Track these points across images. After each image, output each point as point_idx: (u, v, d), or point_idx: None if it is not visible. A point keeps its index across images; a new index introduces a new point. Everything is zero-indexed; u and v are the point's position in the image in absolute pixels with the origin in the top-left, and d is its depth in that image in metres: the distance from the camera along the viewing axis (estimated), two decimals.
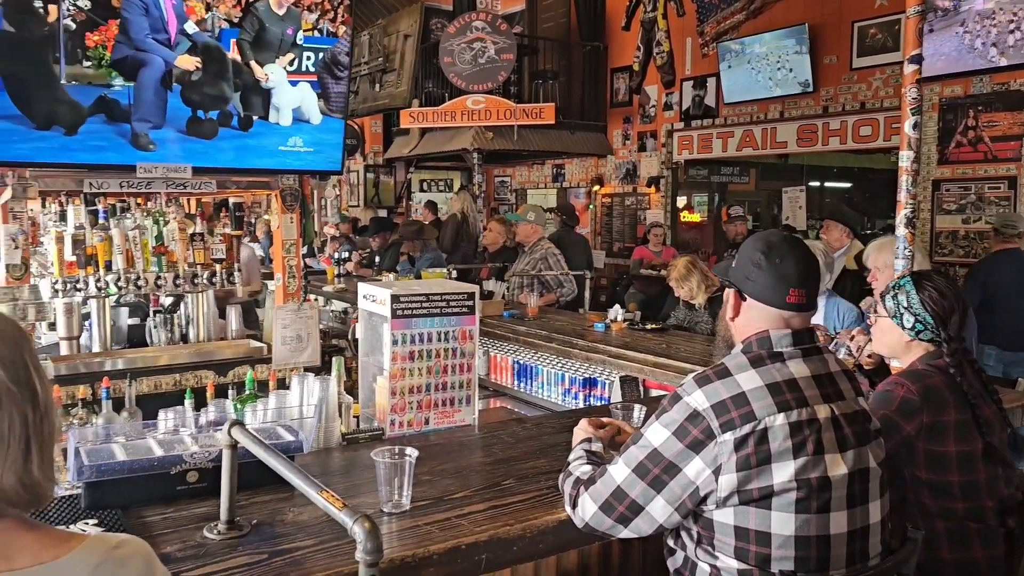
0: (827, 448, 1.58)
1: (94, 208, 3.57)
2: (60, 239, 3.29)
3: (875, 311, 2.37)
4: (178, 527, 1.71)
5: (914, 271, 2.70)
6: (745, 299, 1.74)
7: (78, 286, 3.30)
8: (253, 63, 3.43)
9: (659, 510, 1.61)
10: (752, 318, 1.72)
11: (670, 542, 1.74)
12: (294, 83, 3.53)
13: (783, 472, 1.54)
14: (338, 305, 6.44)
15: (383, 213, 12.05)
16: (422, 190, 13.36)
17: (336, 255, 7.68)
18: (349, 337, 4.58)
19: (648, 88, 10.03)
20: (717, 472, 1.55)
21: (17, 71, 2.93)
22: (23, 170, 3.04)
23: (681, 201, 10.47)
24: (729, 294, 1.79)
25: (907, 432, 2.06)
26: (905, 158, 3.05)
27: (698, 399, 1.60)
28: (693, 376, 1.67)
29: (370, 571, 1.19)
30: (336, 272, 6.97)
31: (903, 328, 2.22)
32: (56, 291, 3.25)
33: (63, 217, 3.70)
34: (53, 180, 3.27)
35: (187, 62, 3.27)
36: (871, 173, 12.19)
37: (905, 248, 3.06)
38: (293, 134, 3.51)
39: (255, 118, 3.46)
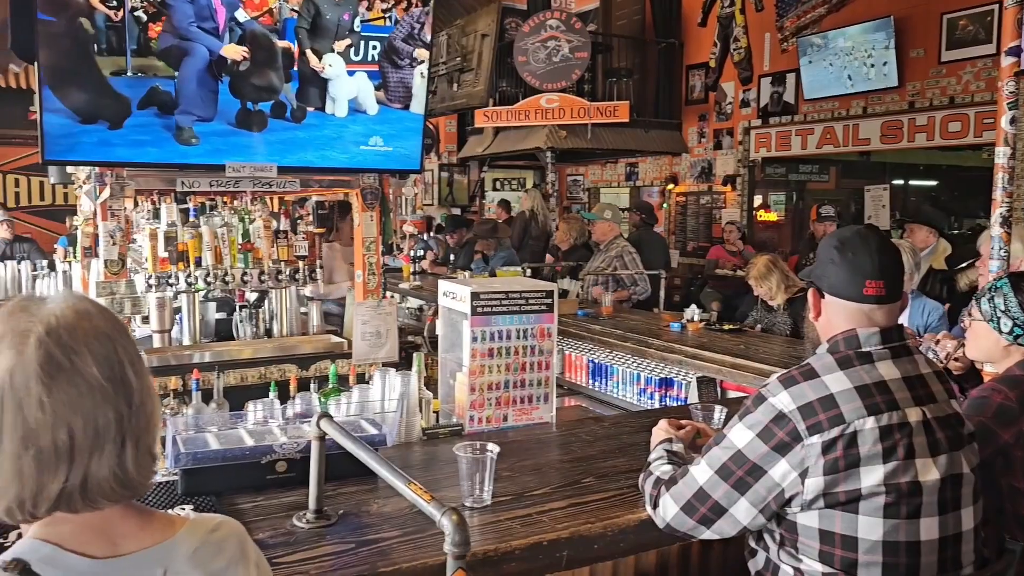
0: (918, 452, 1.54)
1: (185, 206, 3.71)
2: (154, 236, 3.43)
3: (969, 314, 2.28)
4: (268, 515, 1.76)
5: (1011, 272, 2.59)
6: (824, 296, 1.71)
7: (170, 281, 3.44)
8: (309, 52, 3.34)
9: (743, 512, 1.59)
10: (834, 315, 1.69)
11: (752, 543, 1.71)
12: (351, 72, 3.45)
13: (872, 476, 1.51)
14: (413, 302, 6.53)
15: (456, 212, 12.17)
16: (495, 189, 13.44)
17: (412, 252, 7.78)
18: (425, 334, 4.64)
19: (724, 85, 9.86)
20: (804, 475, 1.53)
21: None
22: (120, 169, 3.18)
23: (758, 200, 10.25)
24: (810, 294, 1.76)
25: (1004, 440, 1.98)
26: (1001, 154, 2.92)
27: (784, 400, 1.58)
28: (778, 376, 1.65)
29: (457, 563, 1.21)
30: (411, 270, 7.07)
31: (1000, 332, 2.13)
32: (150, 286, 3.40)
33: (156, 215, 3.86)
34: (146, 179, 3.41)
35: (234, 52, 3.17)
36: (960, 171, 11.69)
37: (1001, 248, 2.93)
38: (374, 133, 3.57)
39: (332, 113, 3.43)
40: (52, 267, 6.96)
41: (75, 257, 6.93)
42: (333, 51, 3.43)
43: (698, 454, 1.70)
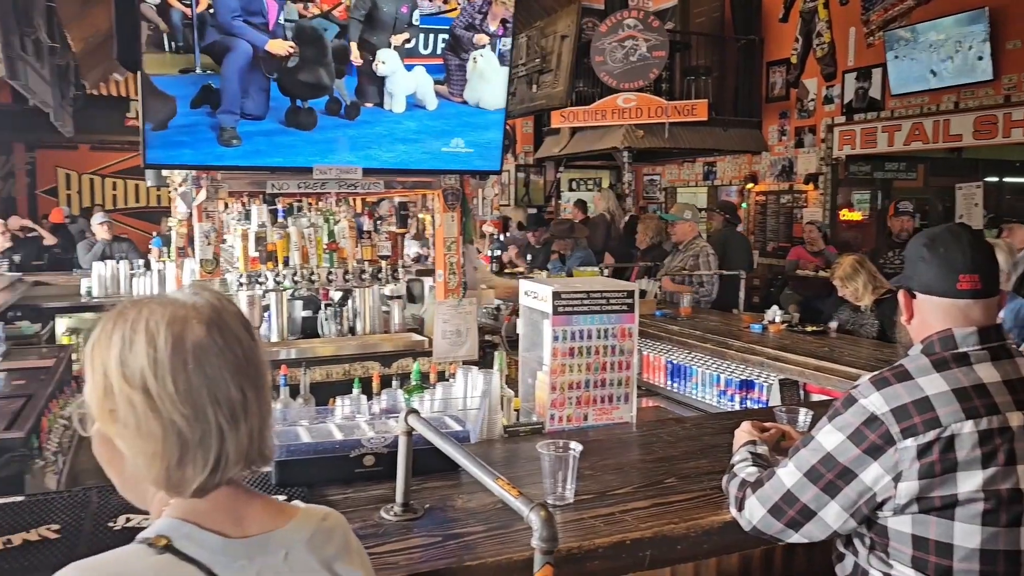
0: (1020, 459, 1.48)
1: (274, 208, 3.84)
2: (245, 236, 3.57)
3: None
4: (357, 507, 1.82)
5: None
6: (915, 296, 1.65)
7: (260, 280, 3.57)
8: (353, 46, 3.27)
9: (833, 516, 1.56)
10: (928, 315, 1.63)
11: (840, 547, 1.68)
12: (409, 67, 3.40)
13: (970, 482, 1.46)
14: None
15: (533, 212, 12.22)
16: (571, 189, 13.43)
17: (490, 252, 7.87)
18: (503, 333, 4.69)
19: (807, 81, 9.63)
20: (897, 479, 1.49)
21: None
22: (215, 172, 3.32)
23: (841, 199, 9.97)
24: (901, 296, 1.71)
25: None
26: None
27: (875, 402, 1.54)
28: (869, 378, 1.61)
29: (545, 558, 1.23)
30: (489, 269, 7.14)
31: None
32: (241, 284, 3.53)
33: (247, 216, 4.01)
34: (238, 182, 3.54)
35: (279, 47, 3.13)
36: None
37: None
38: (456, 135, 3.63)
39: (390, 109, 3.43)
40: (148, 266, 7.28)
41: (169, 257, 7.25)
42: (389, 46, 3.37)
43: (783, 457, 1.68)
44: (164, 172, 4.82)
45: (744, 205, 10.72)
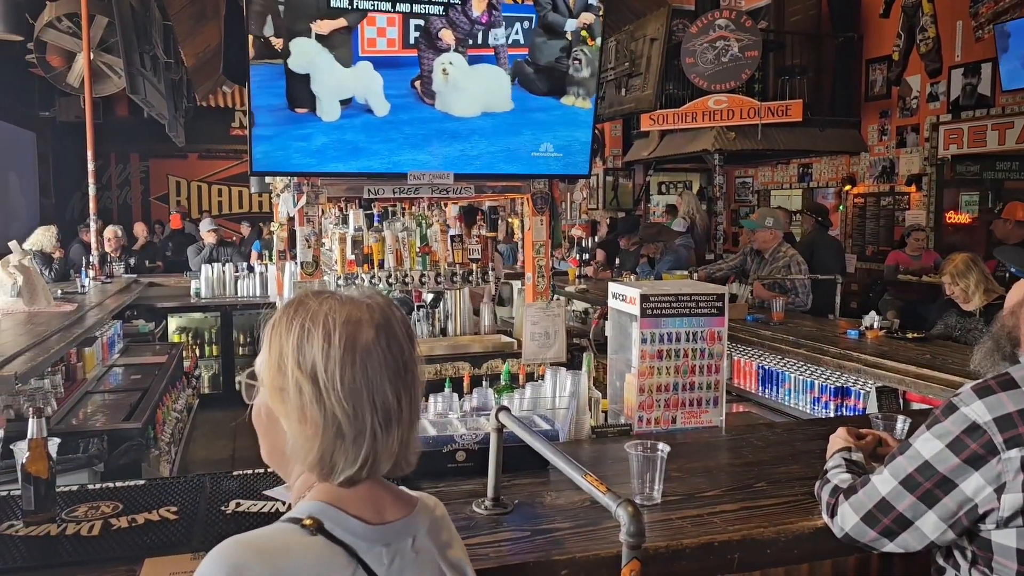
0: None
1: (370, 212, 3.98)
2: (343, 240, 3.71)
3: None
4: (449, 500, 1.87)
5: None
6: None
7: (356, 282, 3.70)
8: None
9: (931, 526, 1.53)
10: None
11: (939, 560, 1.64)
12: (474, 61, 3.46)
13: None
14: (579, 305, 6.61)
15: (622, 215, 12.16)
16: (660, 192, 13.31)
17: (576, 255, 7.88)
18: (590, 336, 4.70)
19: (909, 79, 9.26)
20: (1000, 490, 1.45)
21: None
22: (316, 178, 3.47)
23: (947, 201, 9.53)
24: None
25: None
26: None
27: (978, 411, 1.50)
28: (971, 386, 1.56)
29: (632, 553, 1.25)
30: (576, 273, 7.16)
31: None
32: (338, 286, 3.67)
33: (344, 220, 4.16)
34: (335, 187, 3.68)
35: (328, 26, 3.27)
36: None
37: None
38: (544, 140, 3.68)
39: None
40: (251, 269, 7.62)
41: (270, 260, 7.57)
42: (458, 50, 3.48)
43: (879, 464, 1.65)
44: (267, 179, 5.05)
45: (841, 208, 10.39)
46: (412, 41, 3.41)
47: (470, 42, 3.52)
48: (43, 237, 7.19)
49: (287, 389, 1.07)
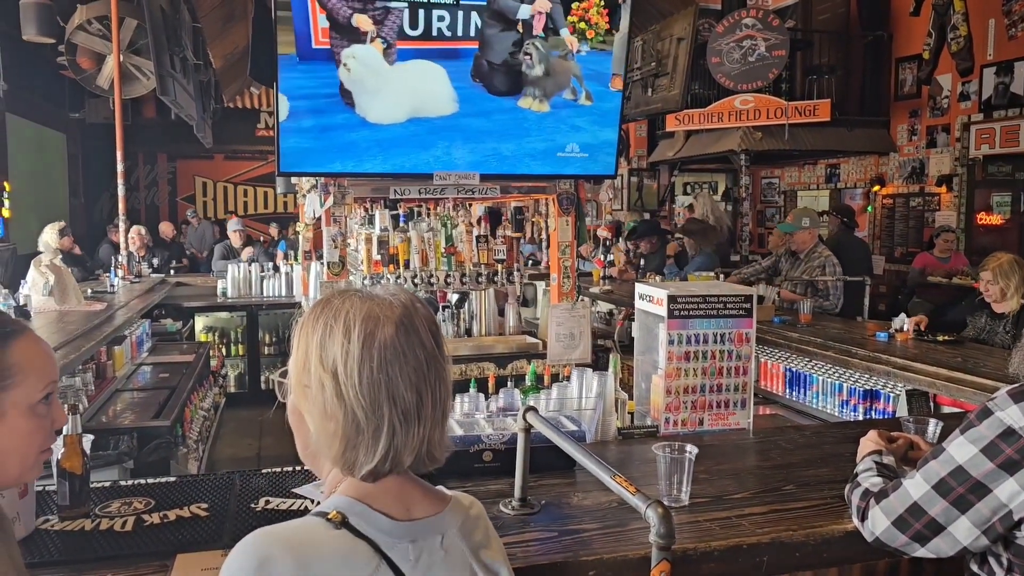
0: None
1: (395, 213, 4.00)
2: (369, 240, 3.73)
3: None
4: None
5: None
6: None
7: (382, 282, 3.72)
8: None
9: (964, 532, 1.51)
10: None
11: (974, 567, 1.61)
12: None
13: None
14: (603, 307, 6.59)
15: (646, 216, 12.11)
16: (685, 193, 13.23)
17: (601, 256, 7.86)
18: (615, 338, 4.69)
19: (940, 78, 9.14)
20: None
21: None
22: (343, 179, 3.49)
23: (978, 201, 9.39)
24: None
25: None
26: None
27: (1014, 415, 1.47)
28: (1007, 390, 1.54)
29: (662, 555, 1.25)
30: (601, 274, 7.14)
31: None
32: (364, 286, 3.69)
33: (371, 221, 4.19)
34: (361, 188, 3.70)
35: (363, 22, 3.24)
36: None
37: None
38: (570, 140, 3.67)
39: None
40: (276, 268, 7.68)
41: (296, 260, 7.63)
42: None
43: (910, 468, 1.63)
44: (292, 180, 5.09)
45: (869, 209, 10.27)
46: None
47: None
48: (47, 234, 7.19)
49: (311, 386, 1.09)
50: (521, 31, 3.43)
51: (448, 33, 3.33)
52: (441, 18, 3.29)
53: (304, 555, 1.00)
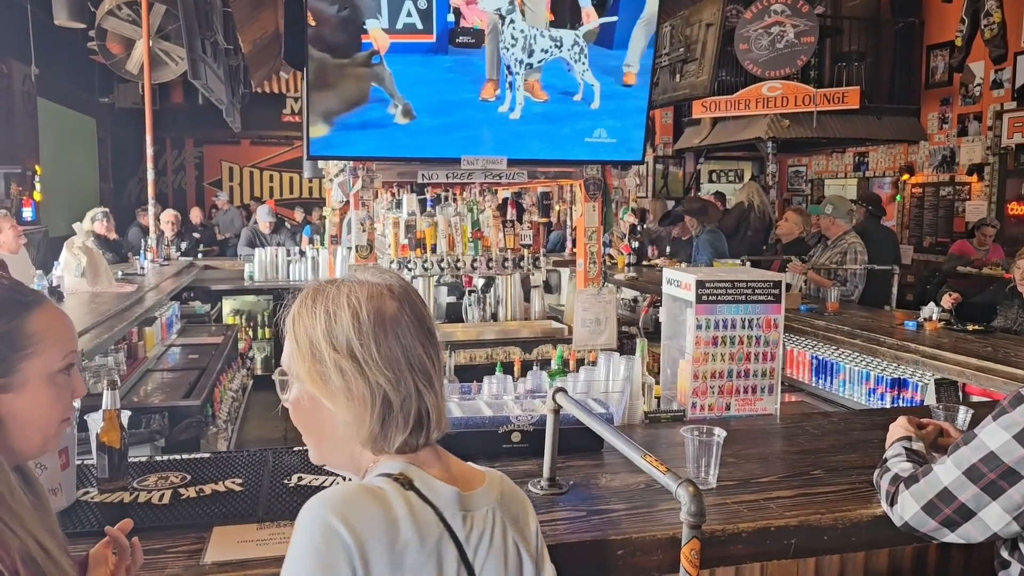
0: None
1: (423, 197, 4.01)
2: (396, 224, 3.75)
3: None
4: None
5: None
6: None
7: (409, 266, 3.74)
8: None
9: (994, 518, 1.50)
10: None
11: (1004, 553, 1.61)
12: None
13: None
14: (628, 293, 6.58)
15: (671, 204, 12.04)
16: (711, 180, 13.14)
17: (628, 242, 7.83)
18: (640, 324, 4.69)
19: (972, 65, 8.98)
20: None
21: None
22: (371, 163, 3.51)
23: (1010, 191, 9.24)
24: None
25: None
26: None
27: None
28: None
29: (693, 533, 1.26)
30: (627, 260, 7.12)
31: None
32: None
33: (398, 205, 4.21)
34: (389, 171, 3.71)
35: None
36: None
37: None
38: (598, 125, 3.66)
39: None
40: (302, 253, 7.75)
41: (322, 244, 7.69)
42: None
43: (940, 454, 1.62)
44: (320, 164, 5.12)
45: (899, 198, 10.14)
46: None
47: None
48: (86, 218, 7.27)
49: (327, 373, 1.10)
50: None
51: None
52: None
53: (387, 508, 1.03)
